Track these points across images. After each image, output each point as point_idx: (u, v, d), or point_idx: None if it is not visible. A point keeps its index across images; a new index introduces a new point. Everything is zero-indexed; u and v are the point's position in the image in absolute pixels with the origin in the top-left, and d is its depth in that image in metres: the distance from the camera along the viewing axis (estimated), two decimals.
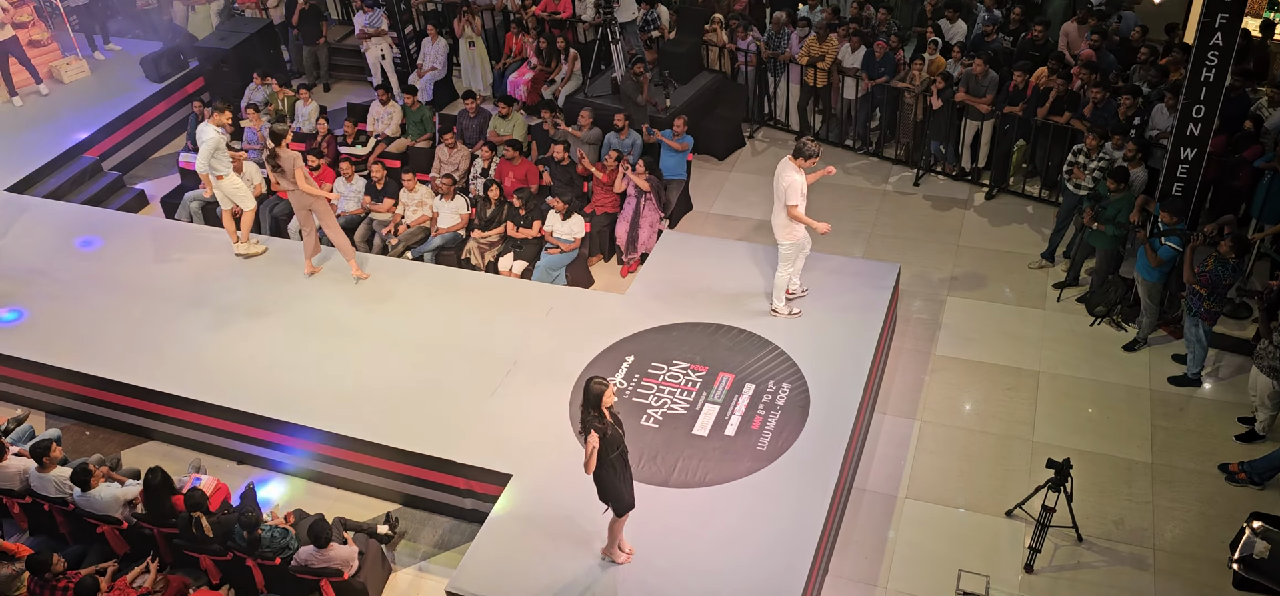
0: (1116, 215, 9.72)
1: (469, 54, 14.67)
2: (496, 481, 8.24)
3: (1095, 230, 9.87)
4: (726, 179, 12.94)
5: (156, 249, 11.44)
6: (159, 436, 9.85)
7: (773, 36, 13.44)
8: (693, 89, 13.40)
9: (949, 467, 8.75)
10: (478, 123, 12.86)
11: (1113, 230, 9.78)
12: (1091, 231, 9.94)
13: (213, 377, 9.42)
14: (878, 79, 12.44)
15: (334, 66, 16.32)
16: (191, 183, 13.05)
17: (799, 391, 8.70)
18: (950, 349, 9.98)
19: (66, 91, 15.34)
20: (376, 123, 13.40)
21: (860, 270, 10.11)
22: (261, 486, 9.08)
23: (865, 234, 11.68)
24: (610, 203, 11.52)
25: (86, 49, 16.34)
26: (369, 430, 8.72)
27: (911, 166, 12.71)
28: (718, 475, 8.01)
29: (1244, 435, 8.79)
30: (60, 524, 8.59)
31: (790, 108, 13.70)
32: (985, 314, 10.38)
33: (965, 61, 11.88)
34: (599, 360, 9.23)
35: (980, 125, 11.95)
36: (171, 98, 15.28)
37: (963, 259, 11.17)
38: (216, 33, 15.82)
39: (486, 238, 11.23)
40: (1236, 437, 8.80)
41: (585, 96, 13.55)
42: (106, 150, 14.21)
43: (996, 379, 9.58)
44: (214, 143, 10.41)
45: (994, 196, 12.12)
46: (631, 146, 11.91)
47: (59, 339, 10.06)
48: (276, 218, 12.16)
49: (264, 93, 14.03)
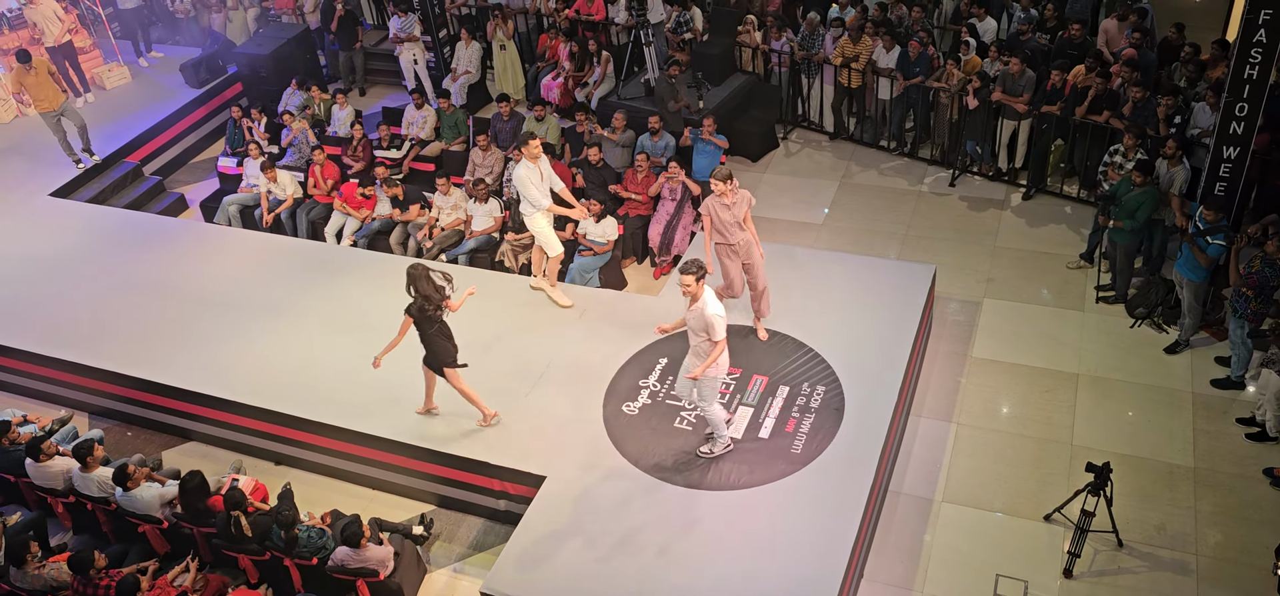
0: (1136, 209, 9.58)
1: (501, 57, 14.74)
2: (530, 483, 8.26)
3: (1115, 228, 9.75)
4: (760, 180, 12.90)
5: (196, 252, 11.59)
6: (199, 437, 9.98)
7: (806, 37, 13.39)
8: (726, 90, 13.38)
9: (986, 471, 8.66)
10: (511, 126, 12.91)
11: (1130, 224, 9.65)
12: (1113, 230, 9.82)
13: (251, 379, 9.53)
14: (913, 79, 12.35)
15: (369, 71, 16.46)
16: (230, 187, 13.24)
17: (834, 394, 8.65)
18: (987, 351, 9.88)
19: (109, 97, 15.60)
20: (411, 126, 13.50)
21: (895, 271, 10.04)
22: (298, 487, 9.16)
23: (900, 235, 11.59)
24: (643, 205, 11.52)
25: (129, 56, 16.60)
26: (404, 431, 8.77)
27: (947, 167, 12.60)
28: (752, 478, 7.98)
29: (1254, 434, 8.66)
30: (102, 523, 8.72)
31: (824, 108, 13.63)
32: (1023, 315, 10.27)
33: (1002, 60, 11.76)
34: (632, 362, 9.24)
35: (1017, 125, 11.83)
36: (210, 103, 15.48)
37: (1000, 260, 11.05)
38: (254, 39, 16.02)
39: (520, 240, 11.27)
40: (1247, 436, 8.67)
41: (618, 99, 13.57)
42: (147, 155, 14.42)
43: (1034, 381, 9.47)
44: (525, 178, 9.29)
45: (1031, 197, 11.98)
46: (664, 148, 11.90)
47: (101, 341, 10.22)
48: (313, 222, 12.27)
49: (301, 98, 14.18)
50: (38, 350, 10.28)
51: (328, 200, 12.33)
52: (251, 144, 12.89)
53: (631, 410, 8.75)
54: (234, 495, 7.95)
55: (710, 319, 7.35)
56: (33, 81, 12.58)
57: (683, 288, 7.45)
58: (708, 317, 7.36)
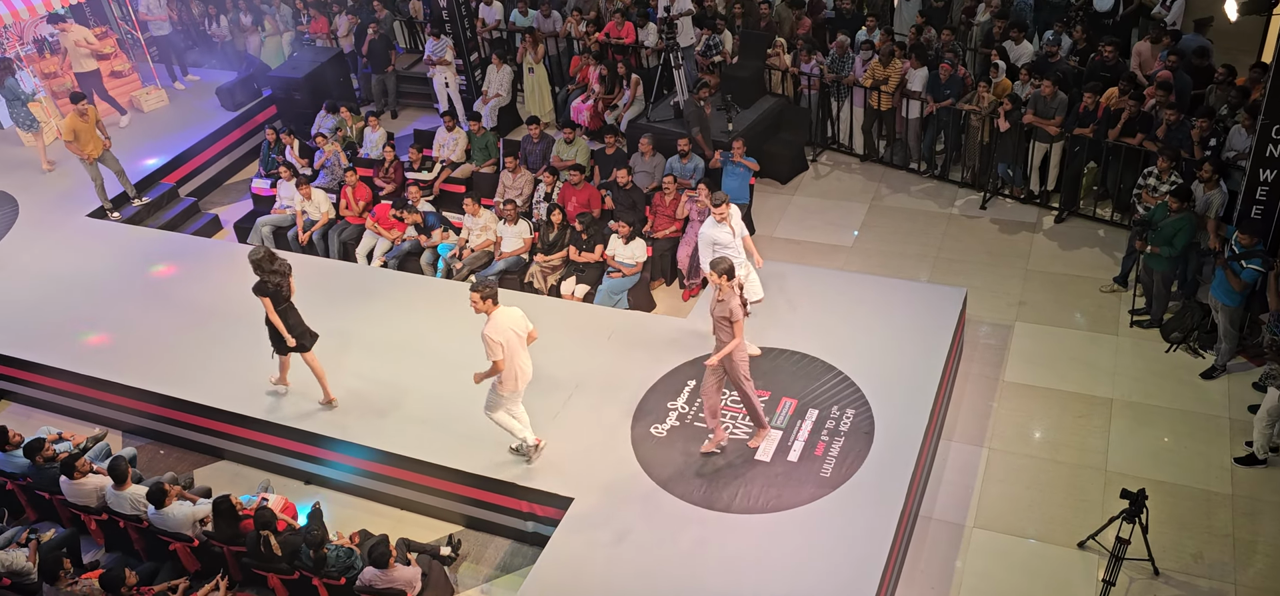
0: (1173, 236, 9.46)
1: (531, 80, 14.83)
2: (558, 505, 8.25)
3: (1152, 254, 9.63)
4: (789, 203, 12.87)
5: (229, 272, 11.70)
6: (230, 456, 10.06)
7: (836, 60, 13.37)
8: (755, 113, 13.38)
9: (1019, 496, 8.55)
10: (541, 148, 12.97)
11: (1168, 251, 9.53)
12: (1148, 254, 9.70)
13: (281, 398, 9.59)
14: (943, 101, 12.30)
15: (401, 93, 16.61)
16: (263, 207, 13.38)
17: (863, 417, 8.59)
18: (1019, 375, 9.77)
19: (146, 120, 15.84)
20: (442, 148, 13.60)
21: (925, 294, 9.97)
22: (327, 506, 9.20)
23: (930, 258, 11.52)
24: (672, 227, 11.52)
25: (165, 79, 16.86)
26: (433, 451, 8.80)
27: (978, 189, 12.52)
28: (780, 501, 7.93)
29: (1244, 458, 8.56)
30: (135, 540, 8.79)
31: (854, 131, 13.60)
32: (1055, 339, 10.16)
33: (1033, 83, 11.68)
34: (661, 384, 9.22)
35: (1049, 147, 11.74)
36: (245, 125, 15.68)
37: (1032, 283, 10.95)
38: (289, 62, 16.22)
39: (549, 261, 11.30)
40: (1236, 460, 8.55)
41: (648, 121, 13.60)
42: (183, 177, 14.62)
43: (1068, 406, 9.36)
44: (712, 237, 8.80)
45: (1064, 220, 11.88)
46: (693, 171, 11.91)
47: (135, 359, 10.34)
48: (344, 243, 12.38)
49: (334, 120, 14.33)
50: (72, 368, 10.41)
51: (360, 221, 12.43)
52: (284, 165, 13.03)
53: (660, 432, 8.72)
54: (263, 514, 7.99)
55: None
56: (83, 127, 12.81)
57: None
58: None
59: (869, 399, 8.76)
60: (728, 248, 8.70)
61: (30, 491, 9.25)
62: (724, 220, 8.74)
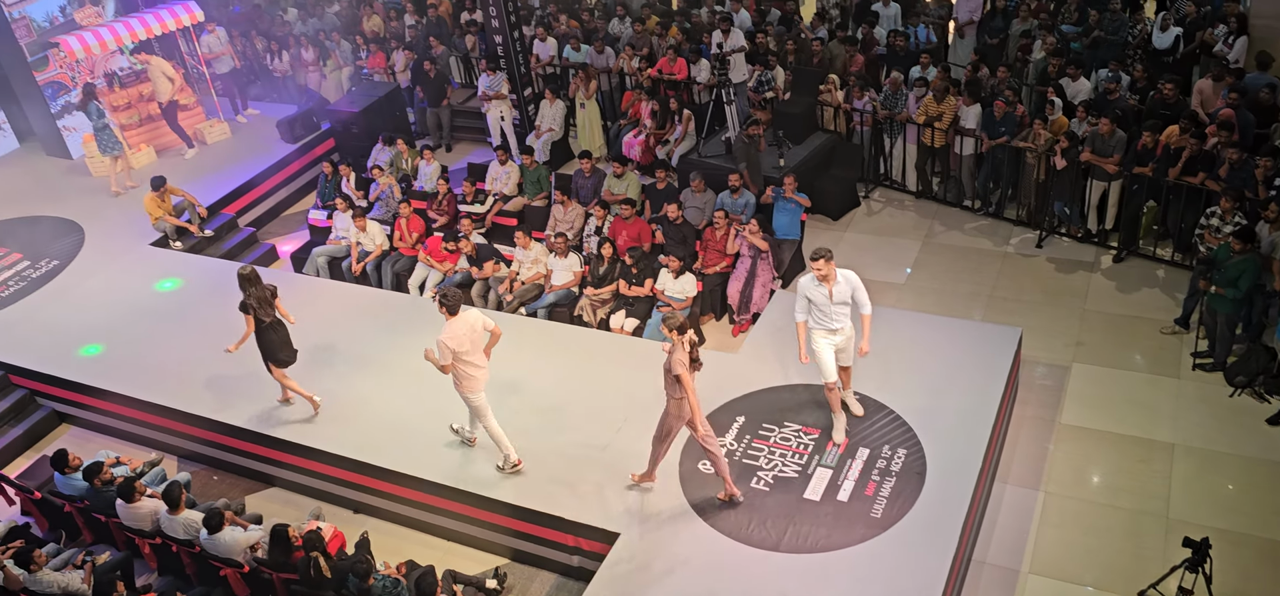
0: (1238, 278, 9.22)
1: (583, 115, 14.95)
2: (604, 539, 8.21)
3: (1216, 294, 9.39)
4: (841, 239, 12.78)
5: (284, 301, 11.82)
6: (281, 483, 10.17)
7: (889, 96, 13.30)
8: (807, 149, 13.34)
9: (1075, 542, 8.34)
10: (592, 182, 13.05)
11: (1232, 293, 9.29)
12: (1213, 296, 9.46)
13: (331, 427, 9.69)
14: (998, 139, 12.16)
15: (456, 127, 16.83)
16: (320, 238, 13.59)
17: (915, 457, 8.45)
18: (1076, 417, 9.57)
19: (208, 152, 16.21)
20: (495, 182, 13.73)
21: (979, 333, 9.82)
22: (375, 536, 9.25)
23: (984, 296, 11.35)
24: (722, 262, 11.49)
25: (228, 112, 17.26)
26: (480, 483, 8.82)
27: (1034, 228, 12.33)
28: (829, 541, 7.82)
29: None
30: (187, 565, 8.90)
31: (907, 168, 13.50)
32: (1114, 381, 9.93)
33: (1091, 120, 11.51)
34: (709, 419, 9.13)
35: (1107, 186, 11.54)
36: (303, 158, 15.98)
37: (1089, 324, 10.74)
38: (347, 96, 16.52)
39: (599, 295, 11.32)
40: None
41: (699, 156, 13.62)
42: (243, 207, 14.91)
43: (1127, 450, 9.13)
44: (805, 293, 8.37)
45: (1122, 259, 11.65)
46: (744, 206, 11.89)
47: (190, 386, 10.53)
48: (397, 274, 12.52)
49: (390, 153, 14.55)
50: (132, 393, 10.62)
51: (413, 253, 12.57)
52: (341, 197, 13.23)
53: (708, 468, 8.66)
54: (312, 537, 8.07)
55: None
56: (155, 204, 13.30)
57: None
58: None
59: (921, 438, 8.62)
60: (822, 310, 8.22)
61: (87, 513, 9.42)
62: (824, 280, 8.09)
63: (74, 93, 16.63)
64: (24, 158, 17.08)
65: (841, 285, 8.14)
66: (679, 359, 7.58)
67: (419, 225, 12.78)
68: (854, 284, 8.22)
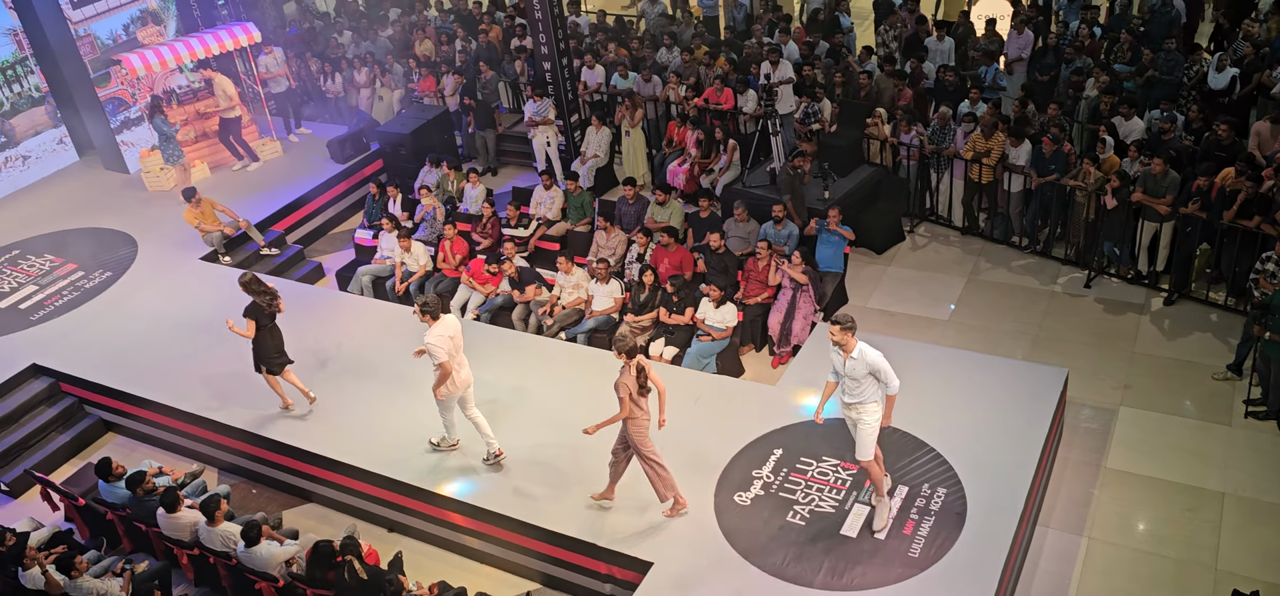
0: None
1: (628, 142, 15.00)
2: (637, 569, 8.16)
3: (1270, 341, 9.15)
4: (884, 274, 12.67)
5: (328, 319, 12.02)
6: (318, 499, 10.24)
7: (937, 131, 13.19)
8: (852, 181, 13.25)
9: (1120, 590, 8.14)
10: (636, 209, 13.06)
11: None
12: (1267, 342, 9.22)
13: (370, 445, 9.75)
14: (1047, 176, 12.00)
15: (502, 152, 16.96)
16: (365, 258, 13.74)
17: (955, 497, 8.31)
18: (1123, 462, 9.36)
19: (261, 169, 16.49)
20: (539, 206, 13.80)
21: (1024, 373, 9.65)
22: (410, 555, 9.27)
23: (1030, 335, 11.17)
24: (764, 292, 11.44)
25: (281, 131, 17.56)
26: (513, 506, 8.81)
27: (1082, 267, 12.13)
28: (866, 579, 7.70)
29: None
30: (223, 577, 8.97)
31: (954, 203, 13.36)
32: (1162, 427, 9.71)
33: (1143, 160, 11.32)
34: (746, 451, 9.10)
35: (1159, 227, 11.32)
36: (352, 178, 16.19)
37: (1138, 367, 10.52)
38: (397, 118, 16.73)
39: (639, 322, 11.31)
40: None
41: (743, 186, 13.59)
42: (291, 224, 15.13)
43: (1174, 498, 8.91)
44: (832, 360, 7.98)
45: (1173, 302, 11.41)
46: (788, 237, 11.84)
47: (233, 399, 10.66)
48: (440, 294, 12.59)
49: (436, 175, 14.70)
50: (176, 405, 10.78)
51: (455, 274, 12.66)
52: (387, 217, 13.38)
53: (743, 500, 8.59)
54: (349, 541, 8.14)
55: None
56: (195, 214, 13.59)
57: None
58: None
59: (962, 478, 8.49)
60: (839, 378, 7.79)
61: (128, 522, 9.55)
62: (837, 346, 7.62)
63: (134, 109, 17.04)
64: (83, 170, 17.49)
65: (857, 361, 7.52)
66: (623, 382, 7.82)
67: (463, 247, 12.87)
68: (873, 365, 7.52)
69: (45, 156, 17.39)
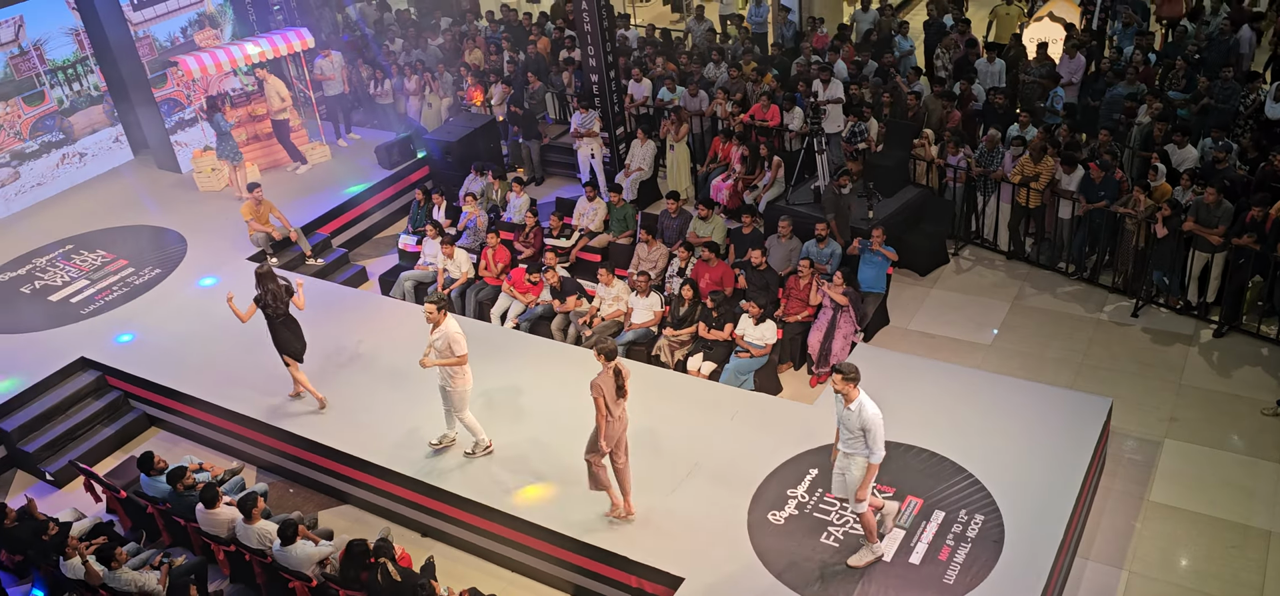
0: None
1: (672, 156, 15.01)
2: (668, 583, 8.13)
3: None
4: (927, 296, 12.53)
5: (370, 322, 12.14)
6: (353, 501, 10.33)
7: (985, 154, 13.05)
8: (897, 202, 13.14)
9: None
10: (678, 223, 13.06)
11: None
12: None
13: (406, 449, 9.82)
14: (1096, 202, 11.81)
15: (547, 162, 17.04)
16: (408, 263, 13.86)
17: (992, 524, 8.19)
18: (1166, 496, 9.16)
19: (310, 172, 16.71)
20: (582, 217, 13.84)
21: (1067, 401, 9.50)
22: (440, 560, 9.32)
23: (1074, 363, 10.98)
24: (804, 311, 11.37)
25: (331, 136, 17.78)
26: (547, 517, 8.82)
27: (1130, 296, 11.92)
28: None
29: None
30: (257, 575, 9.07)
31: (1000, 227, 13.20)
32: (1208, 461, 9.50)
33: (1196, 189, 11.11)
34: (782, 470, 9.04)
35: (1210, 257, 11.10)
36: (398, 184, 16.35)
37: (1185, 399, 10.31)
38: (444, 126, 16.87)
39: (678, 336, 11.29)
40: None
41: (787, 204, 13.53)
42: (338, 228, 15.31)
43: (1219, 534, 8.70)
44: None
45: (1223, 334, 11.17)
46: (830, 256, 11.76)
47: (273, 398, 10.80)
48: (480, 302, 12.68)
49: (481, 184, 14.80)
50: (218, 402, 10.93)
51: (497, 283, 12.73)
52: (431, 224, 13.49)
53: (777, 519, 8.53)
54: (384, 544, 8.19)
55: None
56: (252, 210, 13.87)
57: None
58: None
59: (1000, 505, 8.36)
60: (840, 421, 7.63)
61: (168, 516, 9.69)
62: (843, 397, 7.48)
63: (188, 110, 17.36)
64: (137, 169, 17.84)
65: (853, 413, 7.39)
66: (597, 383, 8.00)
67: (505, 256, 12.94)
68: (866, 424, 7.35)
69: (101, 154, 17.77)
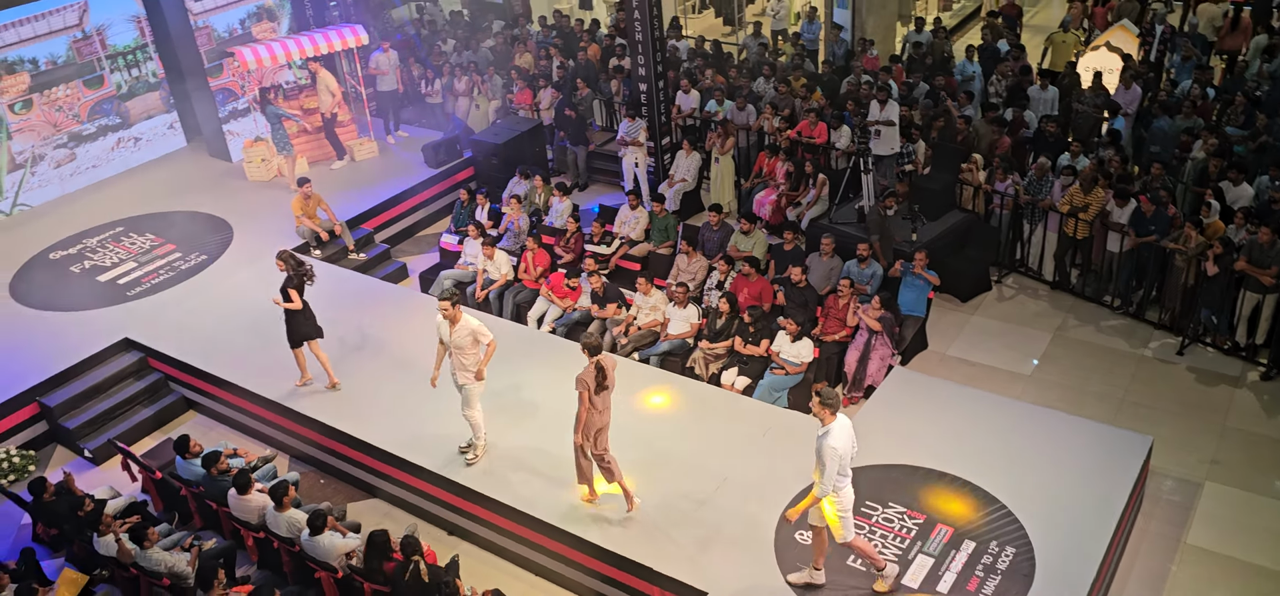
0: None
1: (716, 169, 14.97)
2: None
3: None
4: (967, 322, 12.37)
5: (408, 319, 12.21)
6: (382, 495, 10.40)
7: (1034, 182, 12.86)
8: (942, 226, 12.99)
9: None
10: (719, 236, 13.02)
11: None
12: None
13: (437, 447, 9.86)
14: (1146, 236, 11.59)
15: (592, 169, 17.07)
16: (449, 261, 13.95)
17: (1024, 558, 8.06)
18: (1204, 539, 8.96)
19: (357, 168, 16.89)
20: (623, 225, 13.85)
21: (1106, 437, 9.32)
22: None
23: (1116, 399, 10.78)
24: (842, 331, 11.27)
25: (379, 132, 17.96)
26: (575, 523, 8.81)
27: (1176, 333, 11.68)
28: None
29: None
30: (285, 562, 9.16)
31: (1045, 256, 12.99)
32: (1249, 506, 9.27)
33: (1250, 228, 10.87)
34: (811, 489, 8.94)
35: (1261, 298, 10.85)
36: (443, 182, 16.47)
37: (1228, 441, 10.07)
38: (491, 128, 16.98)
39: (713, 349, 11.24)
40: None
41: (830, 222, 13.44)
42: (381, 224, 15.45)
43: (1256, 582, 8.48)
44: None
45: (1272, 378, 10.90)
46: (871, 277, 11.66)
47: (310, 389, 10.94)
48: (518, 305, 12.73)
49: (525, 187, 14.87)
50: (255, 389, 11.06)
51: (535, 286, 12.77)
52: (474, 224, 13.56)
53: (804, 539, 8.45)
54: (410, 542, 8.24)
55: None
56: (301, 203, 14.08)
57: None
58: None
59: (1033, 539, 8.22)
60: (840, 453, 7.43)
61: (201, 499, 9.82)
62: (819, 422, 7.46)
63: (242, 100, 17.62)
64: (189, 156, 18.13)
65: (820, 439, 7.34)
66: (581, 377, 8.26)
67: (544, 259, 12.98)
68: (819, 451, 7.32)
69: (155, 140, 18.08)
